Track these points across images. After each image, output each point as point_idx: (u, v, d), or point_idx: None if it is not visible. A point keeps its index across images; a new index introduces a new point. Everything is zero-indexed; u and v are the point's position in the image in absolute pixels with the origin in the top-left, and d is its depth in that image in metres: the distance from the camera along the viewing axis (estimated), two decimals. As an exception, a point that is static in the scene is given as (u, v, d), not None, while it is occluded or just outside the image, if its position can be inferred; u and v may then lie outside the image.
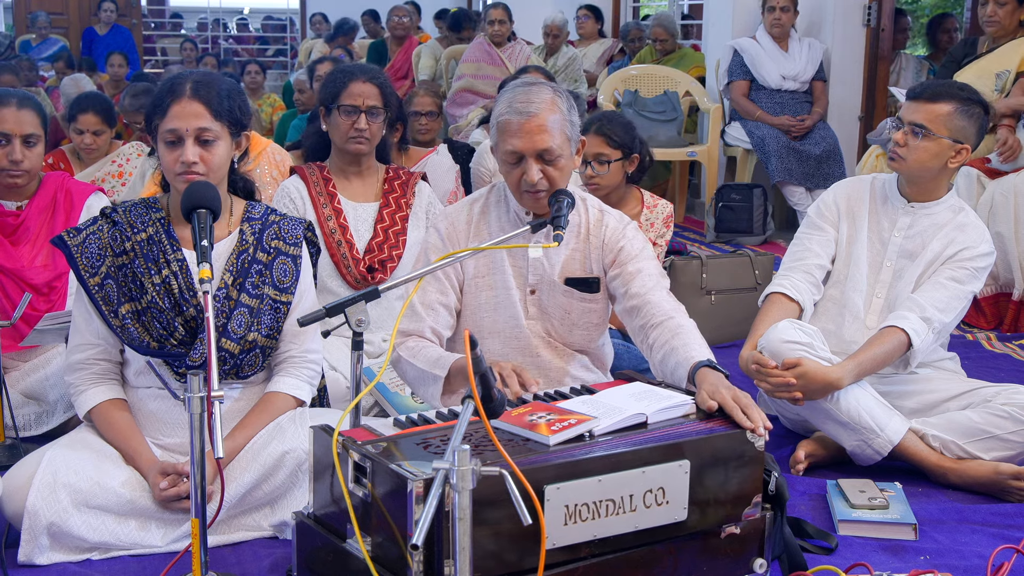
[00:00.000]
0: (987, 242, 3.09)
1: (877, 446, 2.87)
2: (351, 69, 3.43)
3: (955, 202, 3.15)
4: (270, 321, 2.57)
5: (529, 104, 2.53)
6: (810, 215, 3.27)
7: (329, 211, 3.37)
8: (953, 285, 3.01)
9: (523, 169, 2.55)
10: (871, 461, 2.91)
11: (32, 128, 3.20)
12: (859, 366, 2.89)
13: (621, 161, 3.69)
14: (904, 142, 3.05)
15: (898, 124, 3.10)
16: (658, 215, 3.83)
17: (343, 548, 1.97)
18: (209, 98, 2.46)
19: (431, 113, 4.85)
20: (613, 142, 3.66)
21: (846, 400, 2.87)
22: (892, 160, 3.09)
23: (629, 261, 2.65)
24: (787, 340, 2.89)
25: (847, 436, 2.90)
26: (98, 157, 4.70)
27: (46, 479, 2.36)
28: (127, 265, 2.50)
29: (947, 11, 8.38)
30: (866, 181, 3.27)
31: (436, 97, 4.96)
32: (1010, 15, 5.09)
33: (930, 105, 3.04)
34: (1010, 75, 5.00)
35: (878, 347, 2.93)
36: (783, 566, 2.29)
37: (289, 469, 2.47)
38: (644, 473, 1.96)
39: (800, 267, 3.16)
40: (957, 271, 3.03)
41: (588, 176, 3.66)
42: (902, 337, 2.93)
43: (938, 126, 3.02)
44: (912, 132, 3.04)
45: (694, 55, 7.70)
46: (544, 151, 2.53)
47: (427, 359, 2.46)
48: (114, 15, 11.38)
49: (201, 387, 2.00)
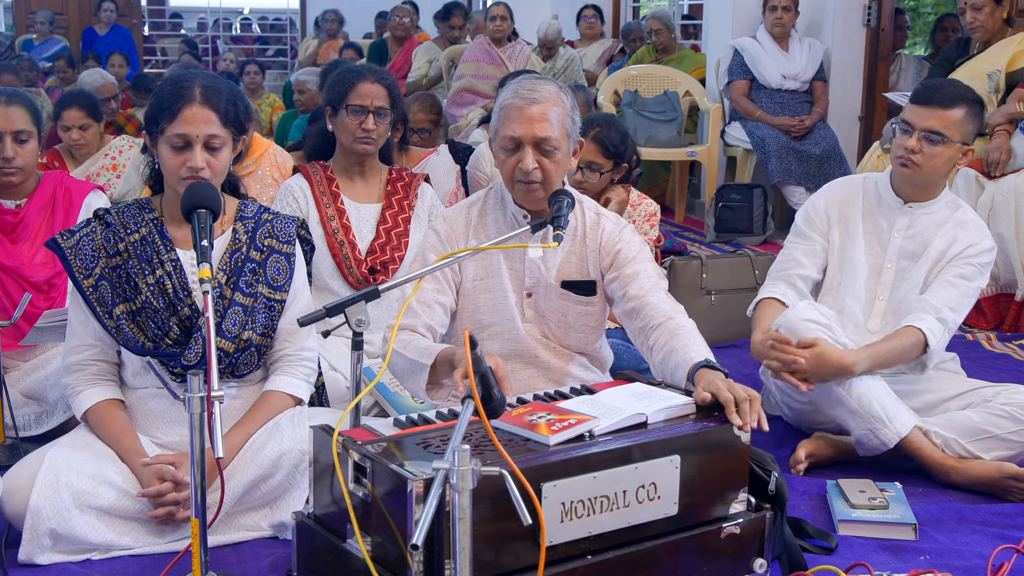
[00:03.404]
0: (988, 237, 3.10)
1: (884, 436, 2.87)
2: (359, 69, 3.42)
3: (951, 199, 3.15)
4: (264, 320, 2.57)
5: (534, 92, 2.54)
6: (798, 223, 3.25)
7: (332, 211, 3.37)
8: (963, 283, 3.02)
9: (519, 157, 2.55)
10: (876, 451, 2.90)
11: (23, 125, 3.19)
12: (875, 356, 2.90)
13: (611, 172, 3.71)
14: (919, 149, 3.01)
15: (906, 128, 3.06)
16: (641, 213, 3.84)
17: (343, 548, 1.97)
18: (218, 104, 2.47)
19: (424, 131, 4.83)
20: (608, 152, 3.67)
21: (858, 387, 2.87)
22: (904, 167, 3.04)
23: (627, 263, 2.65)
24: (805, 319, 2.90)
25: (855, 423, 2.90)
26: (90, 152, 4.69)
27: (48, 479, 2.36)
28: (121, 266, 2.50)
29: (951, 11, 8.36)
30: (857, 182, 3.25)
31: (431, 113, 4.91)
32: (990, 17, 5.09)
33: (945, 111, 3.01)
34: (1000, 75, 5.00)
35: (895, 341, 2.94)
36: (783, 566, 2.29)
37: (287, 470, 2.48)
38: (637, 469, 1.98)
39: (783, 277, 3.15)
40: (965, 268, 3.03)
41: (577, 180, 3.67)
42: (919, 336, 2.94)
43: (953, 132, 3.01)
44: (927, 139, 3.01)
45: (694, 56, 7.70)
46: (542, 140, 2.53)
47: (416, 349, 2.45)
48: (114, 15, 11.37)
49: (201, 387, 2.01)
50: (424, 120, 4.84)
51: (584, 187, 3.65)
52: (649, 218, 3.85)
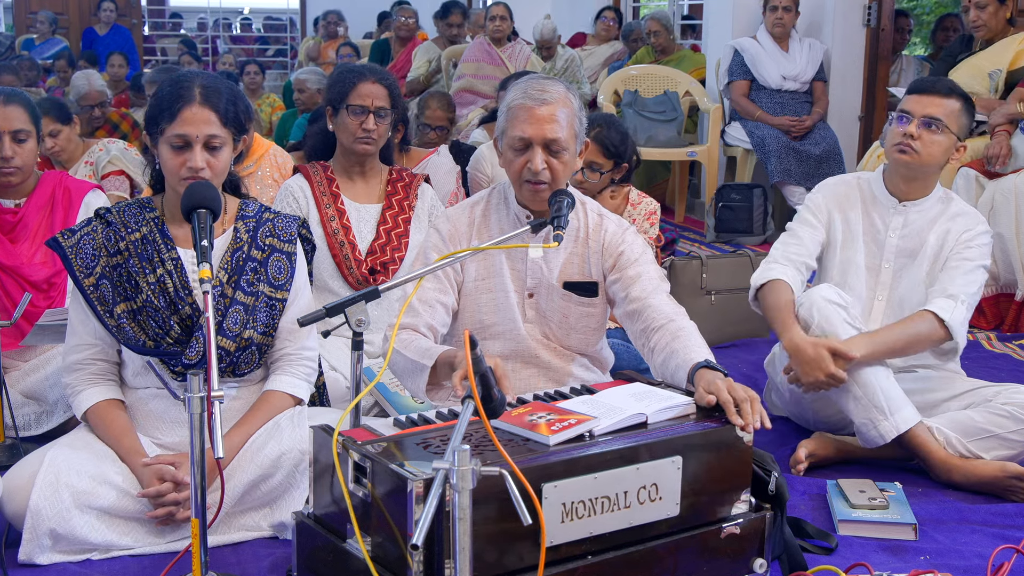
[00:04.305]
0: (983, 222, 3.11)
1: (883, 429, 2.86)
2: (360, 69, 3.42)
3: (942, 194, 3.15)
4: (266, 319, 2.57)
5: (544, 93, 2.55)
6: (801, 212, 3.25)
7: (332, 211, 3.37)
8: (965, 263, 3.02)
9: (528, 157, 2.55)
10: (875, 444, 2.90)
11: (21, 124, 3.19)
12: (875, 341, 2.89)
13: (611, 172, 3.71)
14: (918, 135, 3.02)
15: (904, 116, 3.07)
16: (641, 211, 3.84)
17: (343, 548, 1.97)
18: (218, 104, 2.47)
19: (441, 128, 4.85)
20: (608, 152, 3.67)
21: (864, 374, 2.87)
22: (903, 153, 3.03)
23: (629, 265, 2.65)
24: (827, 299, 2.92)
25: (857, 411, 2.89)
26: (72, 159, 4.50)
27: (48, 479, 2.36)
28: (122, 265, 2.51)
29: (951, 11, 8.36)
30: (851, 181, 3.24)
31: (449, 111, 4.93)
32: (994, 16, 5.08)
33: (944, 100, 3.02)
34: (1002, 74, 5.00)
35: (898, 326, 2.95)
36: (783, 566, 2.29)
37: (287, 470, 2.48)
38: (638, 470, 1.98)
39: (792, 261, 3.12)
40: (965, 251, 3.04)
41: (577, 180, 3.67)
42: (928, 316, 2.93)
43: (951, 121, 3.02)
44: (926, 125, 3.02)
45: (694, 57, 7.70)
46: (552, 141, 2.54)
47: (417, 350, 2.45)
48: (114, 15, 11.37)
49: (201, 387, 2.01)
50: (442, 118, 4.86)
51: (584, 187, 3.65)
52: (649, 216, 3.86)
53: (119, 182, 4.45)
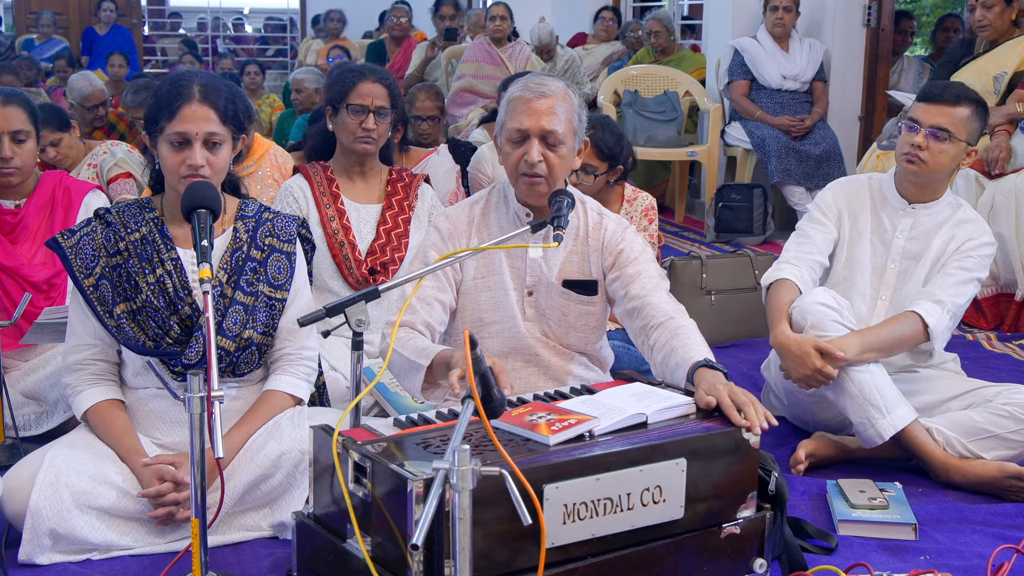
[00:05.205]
0: (988, 233, 3.12)
1: (880, 427, 2.86)
2: (360, 69, 3.42)
3: (953, 199, 3.16)
4: (265, 318, 2.57)
5: (543, 86, 2.57)
6: (811, 211, 3.25)
7: (332, 211, 3.37)
8: (961, 272, 3.03)
9: (525, 149, 2.56)
10: (873, 443, 2.90)
11: (20, 124, 3.19)
12: (865, 340, 2.89)
13: (606, 174, 3.71)
14: (925, 145, 3.03)
15: (912, 126, 3.07)
16: (637, 208, 3.84)
17: (343, 548, 1.97)
18: (217, 102, 2.48)
19: (432, 117, 4.84)
20: (603, 154, 3.67)
21: (860, 373, 2.87)
22: (910, 163, 3.05)
23: (629, 264, 2.65)
24: (819, 303, 2.92)
25: (854, 411, 2.89)
26: (75, 162, 4.46)
27: (48, 479, 2.36)
28: (121, 265, 2.51)
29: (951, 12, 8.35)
30: (863, 181, 3.26)
31: (438, 100, 4.94)
32: (1000, 16, 5.05)
33: (952, 108, 3.02)
34: (1006, 77, 4.98)
35: (885, 327, 2.95)
36: (783, 566, 2.29)
37: (286, 470, 2.48)
38: (642, 472, 1.97)
39: (804, 261, 3.12)
40: (964, 260, 3.05)
41: (572, 183, 3.67)
42: (914, 318, 2.95)
43: (959, 130, 3.02)
44: (933, 136, 3.02)
45: (694, 57, 7.69)
46: (549, 133, 2.54)
47: (414, 349, 2.46)
48: (114, 15, 11.37)
49: (201, 387, 2.01)
50: (432, 108, 4.85)
51: (579, 190, 3.65)
52: (647, 212, 3.85)
53: (128, 185, 4.45)
